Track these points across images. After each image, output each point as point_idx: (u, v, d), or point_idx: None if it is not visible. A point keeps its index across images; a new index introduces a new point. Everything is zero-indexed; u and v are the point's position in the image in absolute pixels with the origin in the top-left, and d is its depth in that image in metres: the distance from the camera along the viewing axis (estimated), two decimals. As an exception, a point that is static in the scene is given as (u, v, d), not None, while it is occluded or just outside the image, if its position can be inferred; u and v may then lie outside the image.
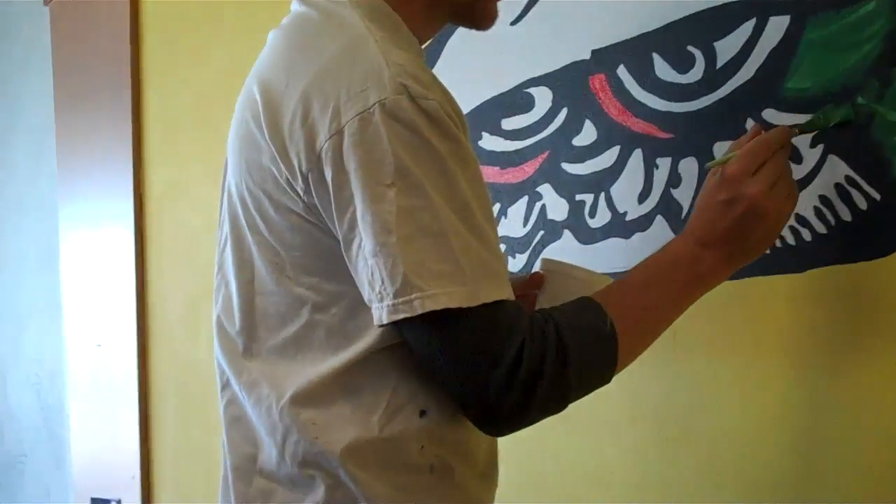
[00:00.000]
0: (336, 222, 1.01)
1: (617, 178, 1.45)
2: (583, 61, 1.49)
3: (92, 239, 2.94)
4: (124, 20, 2.73)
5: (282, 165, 1.04)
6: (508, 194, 1.61)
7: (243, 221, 1.13)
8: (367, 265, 0.98)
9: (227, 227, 1.18)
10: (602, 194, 1.47)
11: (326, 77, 1.01)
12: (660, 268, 1.11)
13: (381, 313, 0.98)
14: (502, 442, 1.19)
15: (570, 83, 1.50)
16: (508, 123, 1.60)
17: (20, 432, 3.61)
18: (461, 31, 1.68)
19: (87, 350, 2.96)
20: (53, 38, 3.24)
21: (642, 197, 1.41)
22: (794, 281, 1.27)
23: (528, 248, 1.58)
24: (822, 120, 1.18)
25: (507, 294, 0.99)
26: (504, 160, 1.61)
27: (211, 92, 2.38)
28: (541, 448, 1.56)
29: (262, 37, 2.09)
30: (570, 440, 1.53)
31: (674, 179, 1.38)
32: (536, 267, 1.20)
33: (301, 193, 1.03)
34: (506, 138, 1.60)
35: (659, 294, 1.09)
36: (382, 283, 0.97)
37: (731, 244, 1.10)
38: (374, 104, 0.96)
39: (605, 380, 1.05)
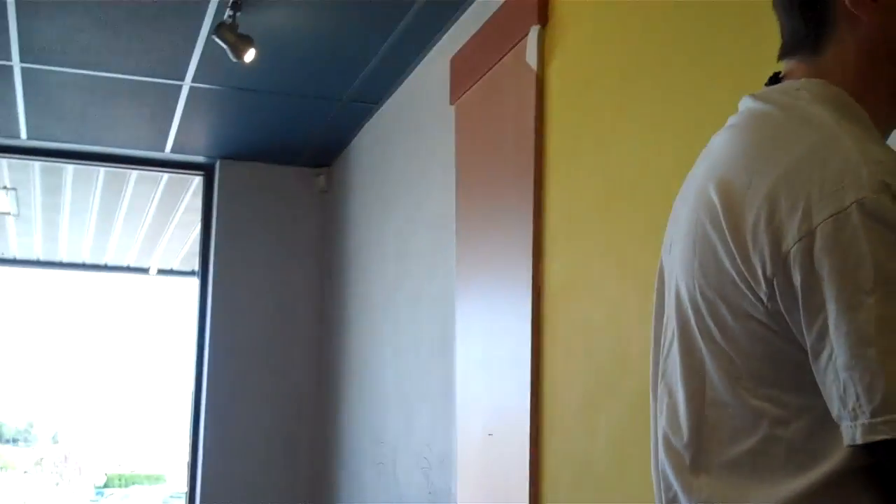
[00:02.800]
0: (804, 331, 0.94)
1: None
2: None
3: (487, 329, 2.99)
4: (528, 115, 2.78)
5: (743, 269, 0.98)
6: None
7: (695, 327, 1.07)
8: (838, 378, 0.90)
9: (673, 333, 1.12)
10: None
11: (795, 176, 0.95)
12: None
13: (854, 432, 0.89)
14: None
15: None
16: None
17: (408, 513, 3.72)
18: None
19: (477, 438, 2.99)
20: (457, 135, 3.39)
21: None
22: None
23: None
24: None
25: None
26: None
27: (617, 185, 2.34)
28: None
29: (675, 131, 2.03)
30: None
31: None
32: None
33: (764, 299, 0.97)
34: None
35: None
36: (857, 398, 0.89)
37: None
38: (852, 204, 0.90)
39: None
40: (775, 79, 1.15)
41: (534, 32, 2.78)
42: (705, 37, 2.04)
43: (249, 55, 3.43)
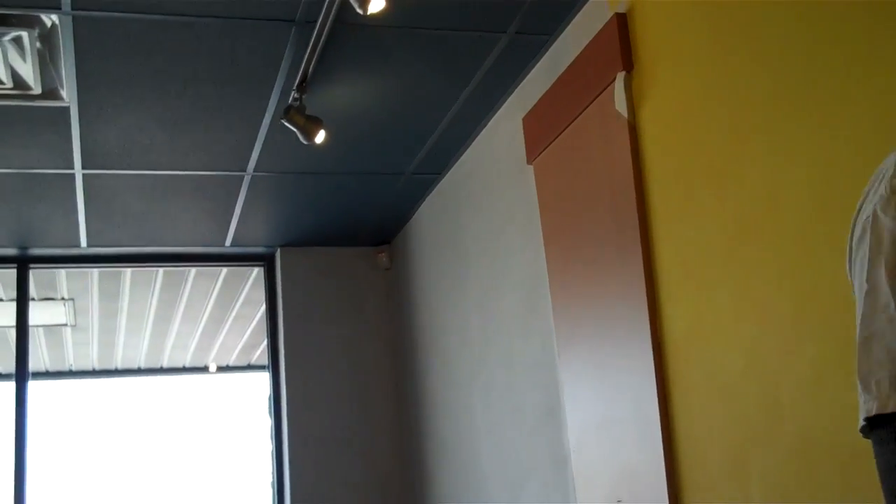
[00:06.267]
0: None
1: None
2: None
3: (603, 388, 2.86)
4: (624, 162, 2.69)
5: None
6: None
7: None
8: None
9: None
10: None
11: (866, 192, 1.08)
12: None
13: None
14: None
15: None
16: None
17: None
18: None
19: (604, 506, 2.84)
20: (540, 192, 3.30)
21: None
22: None
23: None
24: None
25: None
26: None
27: (742, 225, 2.23)
28: None
29: (803, 162, 1.91)
30: None
31: None
32: None
33: None
34: None
35: None
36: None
37: None
38: (873, 208, 0.99)
39: None
40: None
41: (620, 79, 2.70)
42: (829, 60, 1.95)
43: (320, 136, 3.37)
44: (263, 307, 5.62)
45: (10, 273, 5.08)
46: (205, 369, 8.67)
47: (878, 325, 0.90)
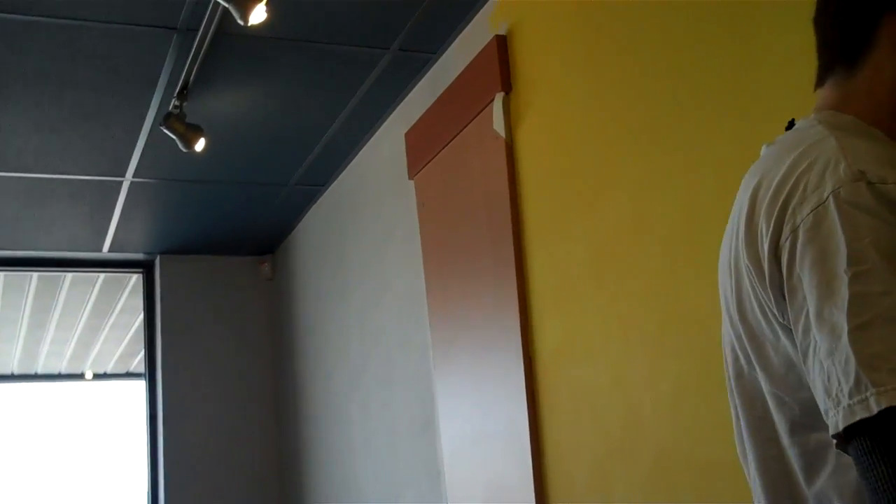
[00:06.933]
0: (795, 333, 0.96)
1: None
2: None
3: (476, 402, 2.91)
4: (500, 182, 2.75)
5: (756, 279, 1.02)
6: None
7: None
8: (823, 369, 0.89)
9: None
10: None
11: (784, 182, 0.99)
12: None
13: (836, 419, 0.87)
14: None
15: None
16: None
17: None
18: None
19: (475, 518, 2.89)
20: (420, 208, 3.34)
21: None
22: None
23: None
24: None
25: None
26: None
27: (611, 244, 2.30)
28: None
29: (669, 186, 1.99)
30: None
31: None
32: None
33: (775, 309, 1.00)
34: None
35: None
36: (839, 383, 0.87)
37: None
38: (828, 196, 0.92)
39: None
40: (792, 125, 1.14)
41: (499, 99, 2.77)
42: (694, 88, 2.04)
43: (200, 144, 3.34)
44: (142, 315, 5.52)
45: None
46: (81, 376, 8.46)
47: (880, 310, 0.85)
